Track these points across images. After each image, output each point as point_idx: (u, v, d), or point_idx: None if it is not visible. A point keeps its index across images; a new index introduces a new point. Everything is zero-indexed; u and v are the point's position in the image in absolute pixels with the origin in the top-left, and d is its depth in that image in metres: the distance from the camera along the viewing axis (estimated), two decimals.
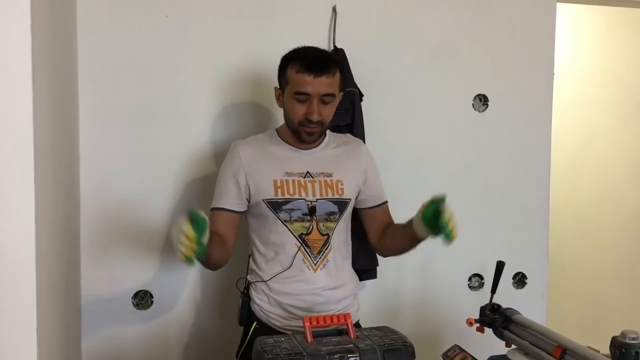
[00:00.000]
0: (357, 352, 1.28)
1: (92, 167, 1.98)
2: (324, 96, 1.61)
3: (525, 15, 2.36)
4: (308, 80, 1.59)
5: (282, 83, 1.69)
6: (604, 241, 3.65)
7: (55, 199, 1.52)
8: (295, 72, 1.61)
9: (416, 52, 2.26)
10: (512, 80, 2.36)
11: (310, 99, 1.61)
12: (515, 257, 2.36)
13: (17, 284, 1.18)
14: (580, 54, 3.69)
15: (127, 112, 2.01)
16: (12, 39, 1.16)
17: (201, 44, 2.06)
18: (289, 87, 1.64)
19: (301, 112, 1.62)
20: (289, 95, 1.64)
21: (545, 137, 2.41)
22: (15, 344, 1.20)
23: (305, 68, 1.60)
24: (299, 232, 1.64)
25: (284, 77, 1.67)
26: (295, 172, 1.68)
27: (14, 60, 1.16)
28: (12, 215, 1.18)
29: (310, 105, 1.61)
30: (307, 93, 1.60)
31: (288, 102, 1.65)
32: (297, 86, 1.61)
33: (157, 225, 2.05)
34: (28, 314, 1.19)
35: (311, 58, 1.63)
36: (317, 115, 1.61)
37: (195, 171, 2.07)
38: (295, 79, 1.61)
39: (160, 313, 2.08)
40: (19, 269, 1.18)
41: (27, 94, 1.17)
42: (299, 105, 1.62)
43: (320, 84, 1.60)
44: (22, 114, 1.17)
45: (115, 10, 1.97)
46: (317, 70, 1.60)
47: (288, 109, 1.66)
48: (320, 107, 1.62)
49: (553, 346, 1.33)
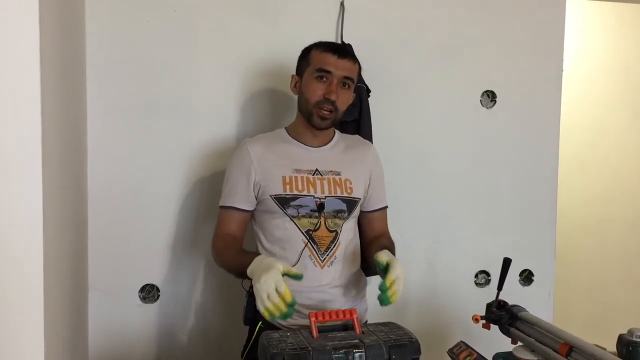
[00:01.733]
0: (362, 348, 1.28)
1: (99, 162, 1.99)
2: (344, 78, 1.66)
3: (535, 11, 2.34)
4: (332, 59, 1.65)
5: (301, 67, 1.72)
6: (612, 238, 3.64)
7: (63, 193, 1.53)
8: (320, 52, 1.67)
9: (424, 48, 2.25)
10: (521, 76, 2.34)
11: (331, 78, 1.65)
12: (522, 254, 2.35)
13: (24, 277, 1.20)
14: (589, 50, 3.67)
15: (135, 107, 2.01)
16: (20, 35, 1.17)
17: (209, 39, 2.06)
18: (311, 67, 1.67)
19: (320, 91, 1.65)
20: (309, 74, 1.67)
21: (553, 134, 2.40)
22: (22, 335, 1.21)
23: (330, 49, 1.67)
24: (306, 228, 1.64)
25: (306, 59, 1.70)
26: (304, 169, 1.68)
27: (22, 57, 1.18)
28: (20, 209, 1.19)
29: (330, 84, 1.65)
30: (329, 71, 1.64)
31: (307, 82, 1.68)
32: (320, 63, 1.65)
33: (165, 220, 2.06)
34: (35, 306, 1.21)
35: (335, 43, 1.73)
36: (335, 95, 1.64)
37: (203, 167, 2.08)
38: (319, 57, 1.67)
39: (167, 307, 2.09)
40: (27, 263, 1.19)
41: (35, 90, 1.18)
42: (318, 84, 1.65)
43: (343, 66, 1.65)
44: (30, 109, 1.18)
45: (123, 6, 1.97)
46: (341, 52, 1.67)
47: (306, 88, 1.68)
48: (339, 89, 1.66)
49: (559, 343, 1.33)
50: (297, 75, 1.74)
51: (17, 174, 1.18)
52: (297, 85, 1.73)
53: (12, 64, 1.16)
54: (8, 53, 1.16)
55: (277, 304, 1.35)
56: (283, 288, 1.36)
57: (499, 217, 2.36)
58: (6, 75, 1.16)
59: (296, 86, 1.74)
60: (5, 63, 1.16)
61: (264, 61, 2.10)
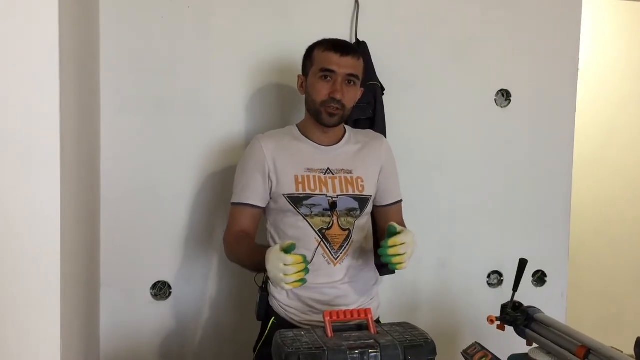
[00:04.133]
0: (377, 348, 1.27)
1: (113, 157, 1.99)
2: (348, 76, 1.65)
3: (550, 9, 2.32)
4: (334, 58, 1.64)
5: (306, 67, 1.72)
6: (623, 239, 3.61)
7: (78, 190, 1.53)
8: (322, 51, 1.67)
9: (438, 46, 2.23)
10: (536, 75, 2.33)
11: (335, 77, 1.64)
12: (535, 255, 2.32)
13: (42, 274, 1.20)
14: (602, 49, 3.63)
15: (149, 103, 2.01)
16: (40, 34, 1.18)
17: (223, 35, 2.05)
18: (315, 67, 1.67)
19: (325, 91, 1.64)
20: (313, 75, 1.67)
21: (568, 134, 2.38)
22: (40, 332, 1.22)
23: (332, 47, 1.66)
24: (319, 227, 1.63)
25: (310, 59, 1.70)
26: (316, 168, 1.68)
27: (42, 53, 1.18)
28: (38, 207, 1.20)
29: (335, 83, 1.64)
30: (333, 70, 1.64)
31: (312, 82, 1.67)
32: (323, 63, 1.65)
33: (177, 216, 2.06)
34: (52, 303, 1.21)
35: (338, 40, 1.70)
36: (340, 94, 1.63)
37: (217, 163, 2.07)
38: (322, 57, 1.66)
39: (178, 304, 2.09)
40: (45, 260, 1.20)
41: (54, 87, 1.18)
42: (323, 83, 1.65)
43: (346, 64, 1.64)
44: (49, 107, 1.18)
45: (137, 2, 1.97)
46: (344, 50, 1.65)
47: (312, 89, 1.68)
48: (344, 87, 1.65)
49: (577, 346, 1.31)
50: (302, 75, 1.74)
51: (36, 171, 1.18)
52: (303, 85, 1.73)
53: (31, 62, 1.17)
54: (28, 51, 1.17)
55: (297, 271, 1.41)
56: (288, 260, 1.41)
57: (511, 217, 2.35)
58: (26, 73, 1.17)
59: (302, 86, 1.74)
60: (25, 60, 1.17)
61: (277, 58, 2.09)
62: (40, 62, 1.17)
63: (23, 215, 1.18)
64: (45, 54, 1.17)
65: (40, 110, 1.18)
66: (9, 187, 1.18)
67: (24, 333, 1.20)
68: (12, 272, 1.19)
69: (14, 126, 1.17)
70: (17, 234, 1.19)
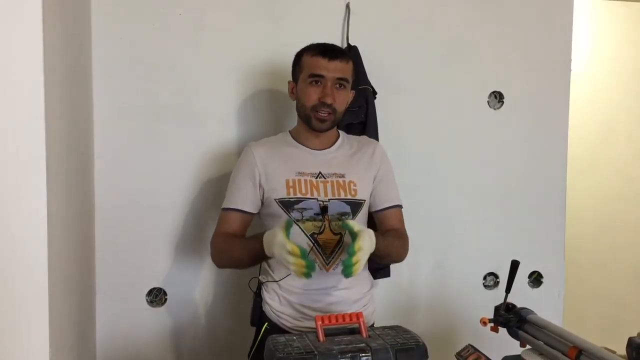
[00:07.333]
0: (369, 352, 1.27)
1: (106, 165, 1.99)
2: (338, 80, 1.65)
3: (542, 11, 2.33)
4: (323, 63, 1.64)
5: (296, 73, 1.72)
6: (622, 239, 3.60)
7: (69, 197, 1.53)
8: (310, 57, 1.67)
9: (430, 49, 2.24)
10: (528, 77, 2.33)
11: (324, 82, 1.64)
12: (531, 256, 2.34)
13: (29, 282, 1.20)
14: (601, 49, 3.64)
15: (142, 111, 2.02)
16: (23, 39, 1.17)
17: (215, 42, 2.06)
18: (304, 73, 1.67)
19: (315, 95, 1.65)
20: (303, 80, 1.67)
21: (562, 135, 2.38)
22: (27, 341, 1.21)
23: (320, 52, 1.66)
24: (310, 231, 1.63)
25: (299, 65, 1.70)
26: (307, 172, 1.68)
27: (25, 61, 1.18)
28: (24, 214, 1.19)
29: (325, 88, 1.64)
30: (322, 75, 1.64)
31: (302, 88, 1.68)
32: (312, 69, 1.65)
33: (172, 223, 2.06)
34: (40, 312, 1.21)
35: (325, 45, 1.70)
36: (331, 98, 1.64)
37: (210, 170, 2.08)
38: (310, 62, 1.66)
39: (174, 310, 2.09)
40: (32, 268, 1.20)
41: (38, 95, 1.18)
42: (313, 89, 1.65)
43: (335, 68, 1.64)
44: (33, 113, 1.18)
45: (129, 9, 1.98)
46: (332, 54, 1.65)
47: (302, 94, 1.68)
48: (334, 91, 1.65)
49: (568, 347, 1.31)
50: (292, 81, 1.75)
51: (21, 178, 1.18)
52: (294, 91, 1.74)
53: (14, 68, 1.17)
54: (10, 56, 1.16)
55: (296, 262, 1.41)
56: (289, 247, 1.41)
57: (507, 218, 2.35)
58: (9, 79, 1.17)
59: (293, 92, 1.74)
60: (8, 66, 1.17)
61: (269, 64, 2.09)
62: (23, 71, 1.17)
63: (7, 226, 1.18)
64: (29, 64, 1.17)
65: (25, 118, 1.18)
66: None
67: (13, 344, 1.19)
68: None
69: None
70: (1, 241, 1.18)
